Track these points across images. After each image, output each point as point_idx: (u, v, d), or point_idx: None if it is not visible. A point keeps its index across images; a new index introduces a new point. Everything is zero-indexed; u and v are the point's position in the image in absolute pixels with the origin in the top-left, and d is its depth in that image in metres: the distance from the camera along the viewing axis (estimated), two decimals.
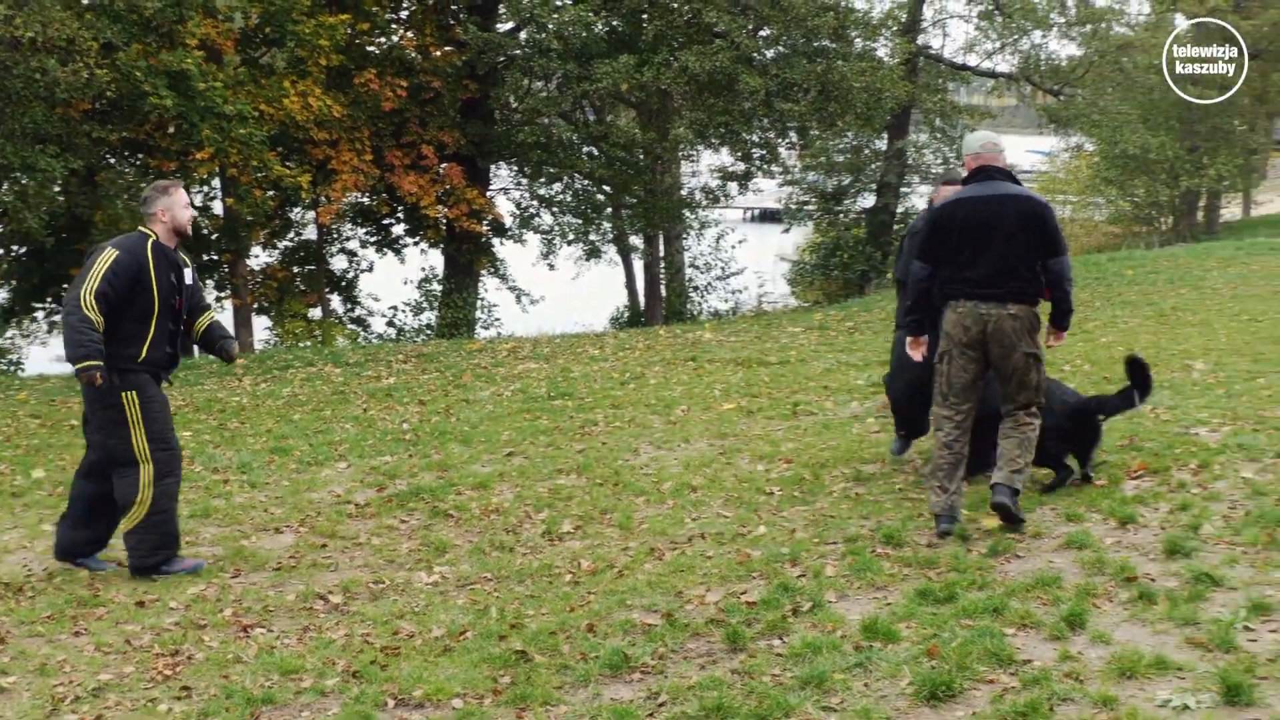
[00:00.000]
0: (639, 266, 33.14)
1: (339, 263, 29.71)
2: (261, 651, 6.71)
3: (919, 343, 8.55)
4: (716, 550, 8.06)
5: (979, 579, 7.05)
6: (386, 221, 29.00)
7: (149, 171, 22.66)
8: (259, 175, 22.47)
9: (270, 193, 23.58)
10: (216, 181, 24.84)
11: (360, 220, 29.13)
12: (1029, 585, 6.87)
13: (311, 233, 28.51)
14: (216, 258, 25.28)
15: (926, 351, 8.73)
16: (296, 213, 27.98)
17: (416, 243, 29.13)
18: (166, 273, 8.17)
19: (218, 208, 25.97)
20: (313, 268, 28.54)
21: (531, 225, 30.04)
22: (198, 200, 26.24)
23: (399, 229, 29.23)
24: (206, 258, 24.91)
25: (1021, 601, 6.64)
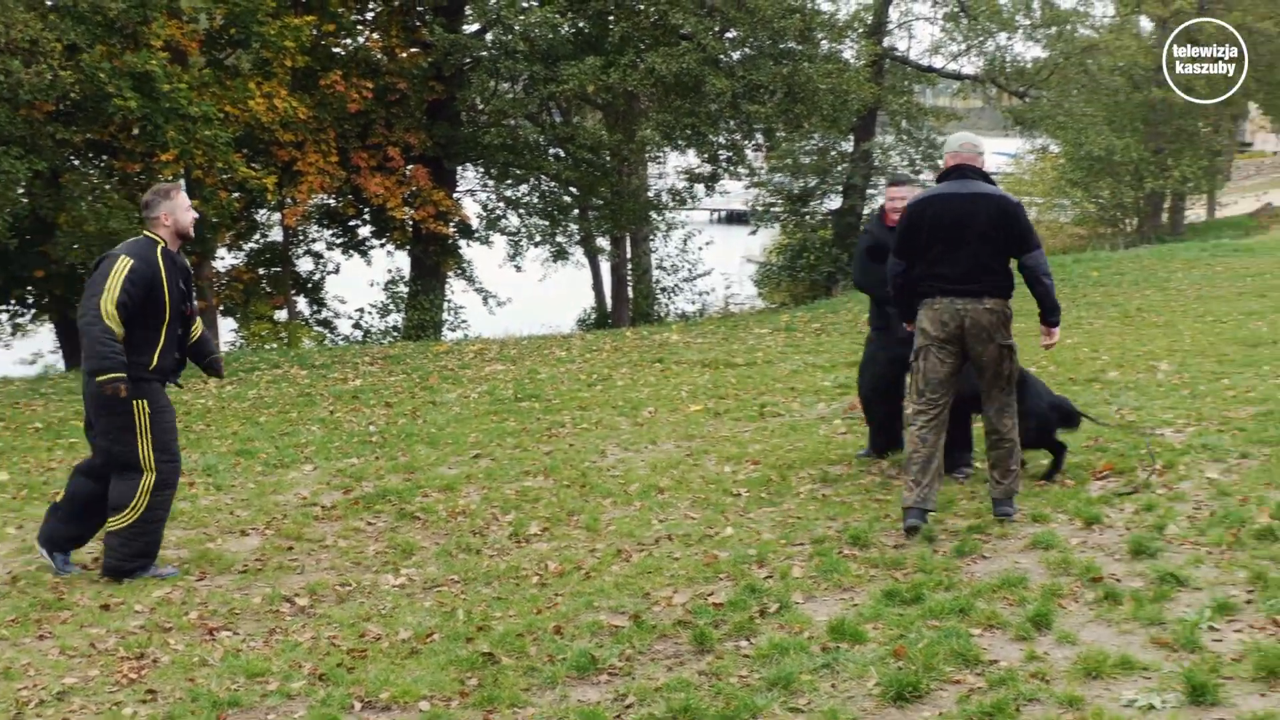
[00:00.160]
0: (606, 268, 33.15)
1: (305, 264, 29.63)
2: (227, 654, 6.67)
3: (914, 325, 8.54)
4: (684, 552, 8.06)
5: (945, 580, 7.08)
6: (353, 223, 28.93)
7: (113, 173, 22.52)
8: (224, 177, 22.34)
9: (236, 194, 23.46)
10: (182, 183, 24.68)
11: (326, 222, 29.06)
12: (995, 586, 6.90)
13: (277, 234, 28.43)
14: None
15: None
16: (262, 214, 27.88)
17: (383, 244, 29.05)
18: (176, 279, 8.08)
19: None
20: (278, 270, 28.45)
21: (498, 227, 30.01)
22: None
23: (365, 231, 29.15)
24: None
25: (988, 602, 6.66)
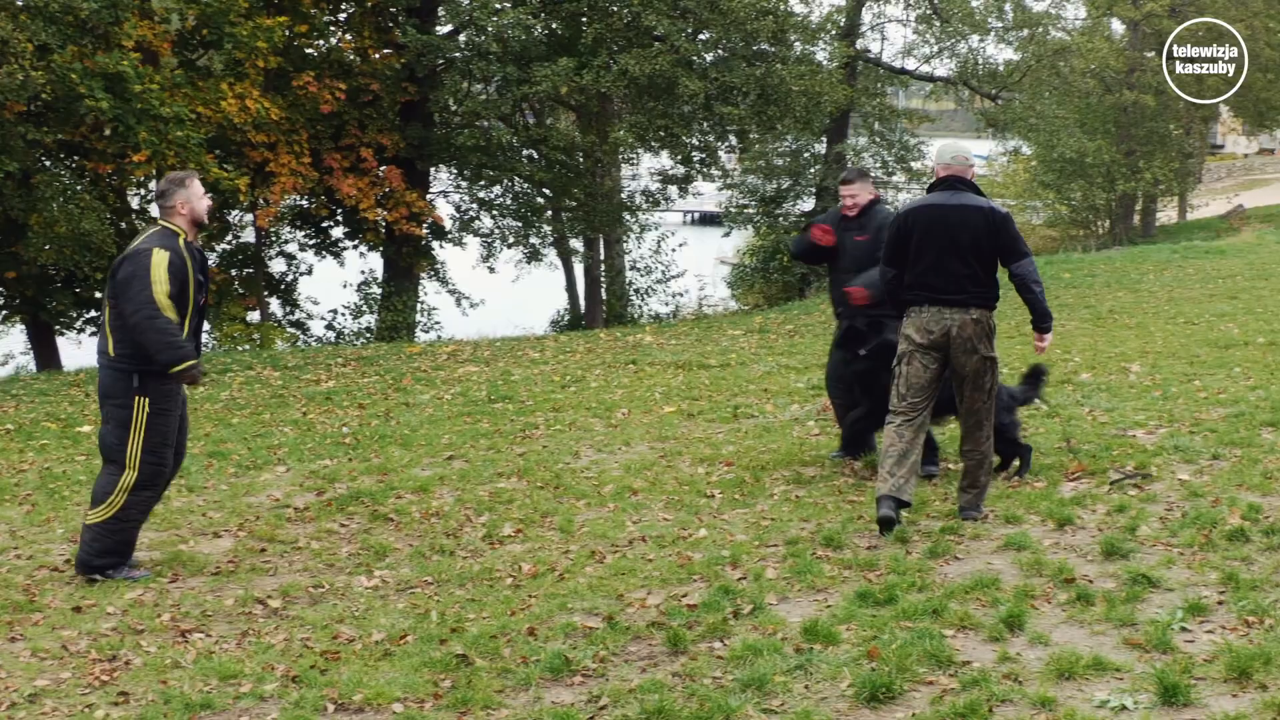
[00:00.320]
0: (579, 269, 33.11)
1: (278, 265, 29.51)
2: (200, 656, 6.63)
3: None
4: (657, 553, 8.06)
5: (918, 581, 7.09)
6: (325, 224, 28.86)
7: (85, 174, 22.42)
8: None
9: (208, 195, 23.33)
10: (154, 184, 24.60)
11: (299, 223, 28.98)
12: (968, 587, 6.92)
13: (250, 235, 28.30)
14: None
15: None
16: (235, 215, 27.73)
17: (356, 246, 28.96)
18: (197, 270, 8.05)
19: (155, 210, 25.70)
20: (251, 271, 28.32)
21: (471, 228, 29.99)
22: (134, 203, 26.05)
23: (338, 232, 29.08)
24: None
25: (961, 603, 6.68)
